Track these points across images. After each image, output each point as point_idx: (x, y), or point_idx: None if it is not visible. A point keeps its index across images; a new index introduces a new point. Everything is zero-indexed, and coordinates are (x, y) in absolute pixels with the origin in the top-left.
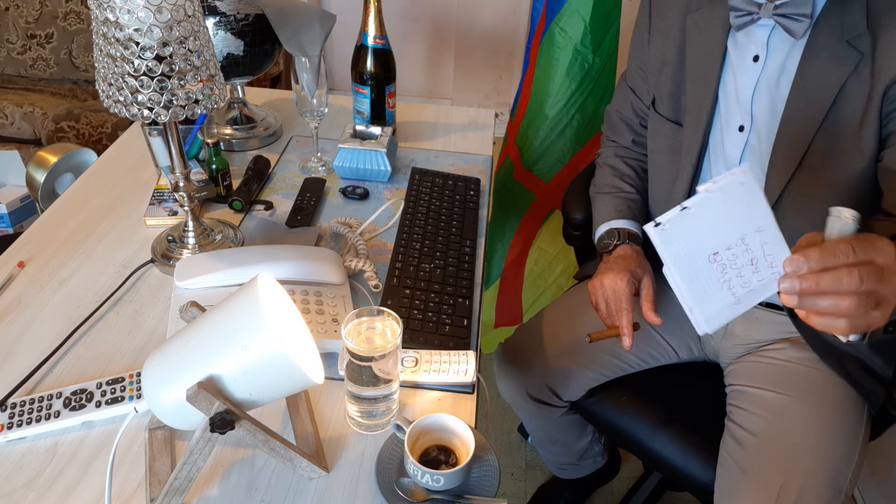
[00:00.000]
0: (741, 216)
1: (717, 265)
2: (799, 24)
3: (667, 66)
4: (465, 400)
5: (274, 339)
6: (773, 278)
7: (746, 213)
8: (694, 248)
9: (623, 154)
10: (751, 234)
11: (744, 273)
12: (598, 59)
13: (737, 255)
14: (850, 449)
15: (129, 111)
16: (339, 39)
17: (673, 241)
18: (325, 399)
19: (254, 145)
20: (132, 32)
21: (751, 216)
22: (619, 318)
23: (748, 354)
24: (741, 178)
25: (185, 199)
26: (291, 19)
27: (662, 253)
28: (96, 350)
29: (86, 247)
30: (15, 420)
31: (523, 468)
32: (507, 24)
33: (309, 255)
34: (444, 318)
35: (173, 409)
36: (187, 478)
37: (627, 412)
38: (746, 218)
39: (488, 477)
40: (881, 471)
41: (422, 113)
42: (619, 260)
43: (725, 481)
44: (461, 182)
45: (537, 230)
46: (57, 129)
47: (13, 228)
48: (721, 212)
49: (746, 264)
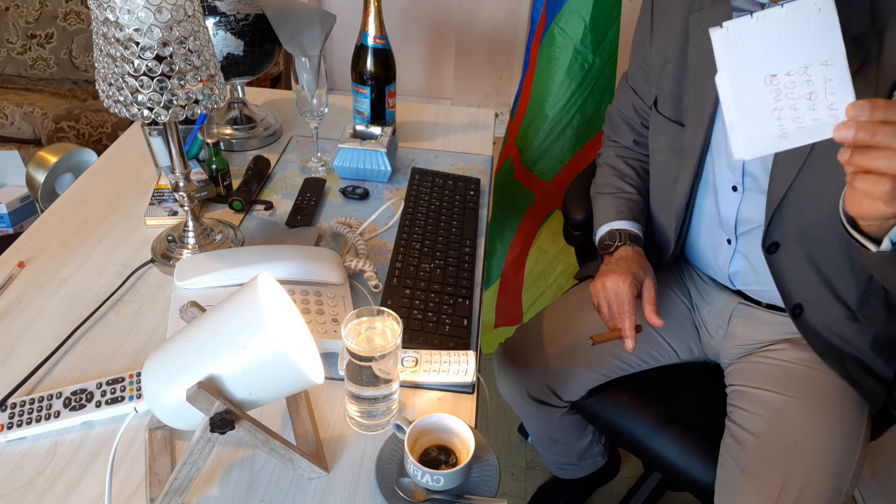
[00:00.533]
0: (810, 42)
1: (772, 88)
2: None
3: (669, 65)
4: (465, 400)
5: (274, 339)
6: (829, 121)
7: (816, 40)
8: (753, 62)
9: (624, 154)
10: (816, 64)
11: (799, 106)
12: (598, 59)
13: (796, 83)
14: (850, 449)
15: (129, 111)
16: (339, 39)
17: (733, 49)
18: (325, 399)
19: (254, 145)
20: (132, 32)
21: (820, 45)
22: (621, 321)
23: (749, 355)
24: (820, 3)
25: (185, 199)
26: (291, 19)
27: (720, 59)
28: (96, 350)
29: (86, 247)
30: (15, 420)
31: (523, 468)
32: (507, 24)
33: (309, 255)
34: (444, 318)
35: (173, 409)
36: (187, 478)
37: (627, 412)
38: (815, 46)
39: (488, 477)
40: (881, 471)
41: (422, 113)
42: (620, 262)
43: (726, 481)
44: (461, 182)
45: (537, 230)
46: (57, 129)
47: (13, 228)
48: (790, 32)
49: (804, 96)
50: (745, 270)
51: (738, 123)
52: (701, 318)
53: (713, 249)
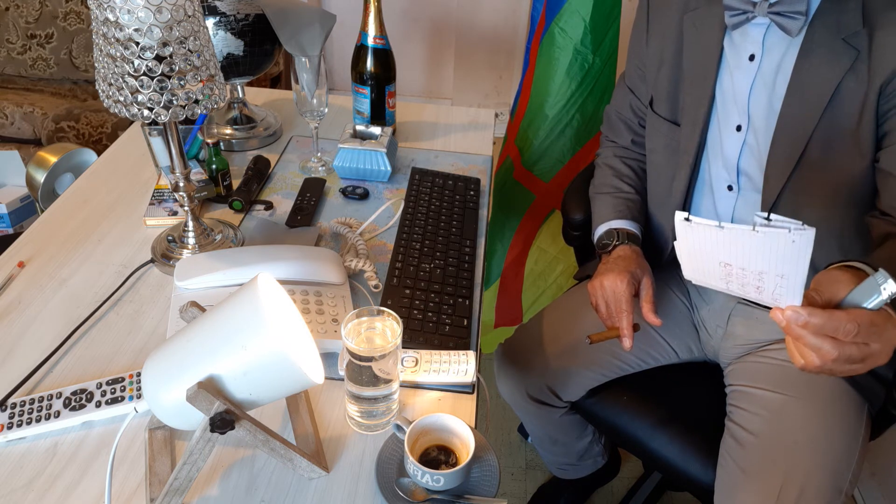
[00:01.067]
0: (772, 259)
1: (723, 271)
2: (794, 21)
3: (664, 65)
4: (465, 400)
5: (274, 340)
6: (769, 301)
7: (779, 259)
8: (709, 250)
9: (622, 154)
10: (771, 274)
11: (746, 288)
12: (598, 59)
13: (747, 277)
14: (850, 449)
15: (129, 111)
16: (339, 39)
17: (692, 237)
18: (325, 399)
19: (254, 145)
20: (132, 32)
21: (782, 264)
22: (619, 320)
23: (748, 354)
24: (795, 238)
25: (185, 199)
26: (291, 19)
27: (679, 239)
28: (96, 350)
29: (86, 247)
30: (15, 420)
31: (523, 468)
32: (507, 24)
33: (309, 255)
34: (444, 318)
35: (173, 409)
36: (187, 478)
37: (627, 412)
38: (776, 262)
39: (488, 477)
40: (881, 471)
41: (422, 113)
42: (618, 261)
43: (726, 481)
44: (461, 182)
45: (537, 230)
46: (57, 129)
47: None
48: (754, 246)
49: (752, 286)
50: None
51: (690, 267)
52: (700, 318)
53: None
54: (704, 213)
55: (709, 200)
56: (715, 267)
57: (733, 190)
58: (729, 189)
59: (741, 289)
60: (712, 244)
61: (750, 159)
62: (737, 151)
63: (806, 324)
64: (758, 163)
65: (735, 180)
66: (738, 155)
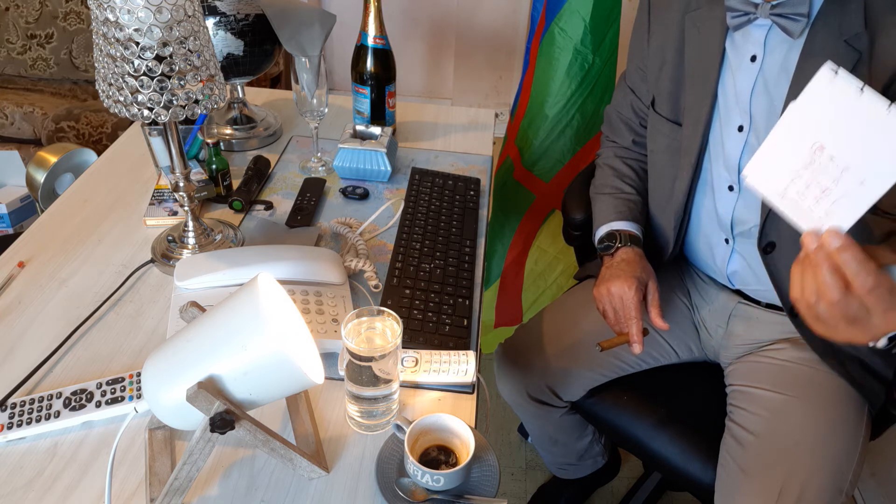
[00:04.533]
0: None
1: (810, 155)
2: (796, 23)
3: (666, 65)
4: (465, 400)
5: (274, 340)
6: (813, 222)
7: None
8: (822, 121)
9: (623, 154)
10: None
11: (811, 188)
12: (598, 59)
13: (828, 170)
14: (850, 449)
15: (129, 111)
16: (339, 39)
17: (824, 95)
18: (325, 399)
19: (254, 145)
20: (132, 32)
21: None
22: (628, 326)
23: (748, 354)
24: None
25: (185, 199)
26: (291, 19)
27: (812, 91)
28: (96, 350)
29: (86, 247)
30: (15, 420)
31: (523, 468)
32: (507, 24)
33: (309, 255)
34: (444, 318)
35: (173, 409)
36: (187, 478)
37: (628, 412)
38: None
39: (488, 477)
40: (881, 471)
41: (422, 113)
42: (622, 265)
43: (726, 481)
44: (461, 182)
45: (537, 230)
46: (57, 129)
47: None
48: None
49: (821, 185)
50: (744, 270)
51: (766, 156)
52: (700, 318)
53: (712, 249)
54: (705, 214)
55: (709, 201)
56: (803, 151)
57: (734, 190)
58: (730, 189)
59: (801, 193)
60: (832, 113)
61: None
62: (738, 152)
63: (836, 252)
64: None
65: (736, 180)
66: (740, 155)
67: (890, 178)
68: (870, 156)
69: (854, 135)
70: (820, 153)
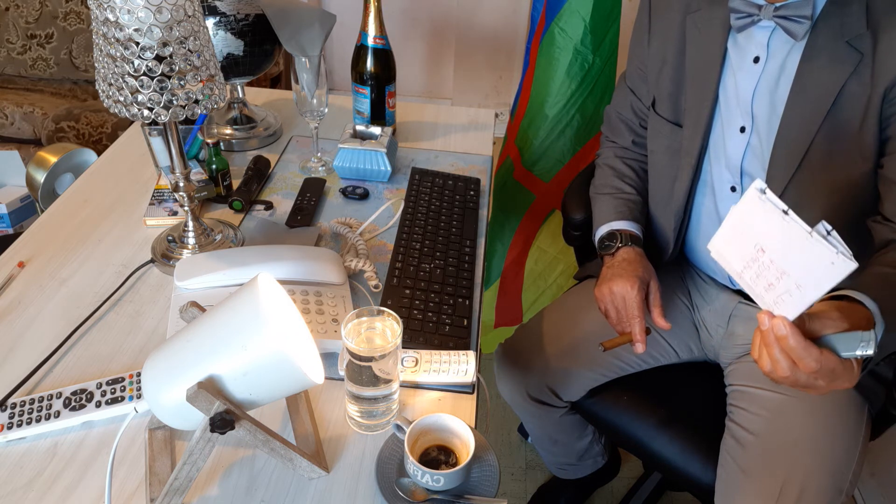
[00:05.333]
0: (804, 268)
1: (753, 255)
2: (799, 25)
3: (666, 66)
4: (465, 400)
5: (274, 340)
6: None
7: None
8: (758, 230)
9: (623, 155)
10: (793, 280)
11: (760, 278)
12: (598, 59)
13: (769, 272)
14: (850, 449)
15: (129, 111)
16: (339, 39)
17: (753, 210)
18: (325, 399)
19: (254, 145)
20: (132, 32)
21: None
22: (631, 326)
23: (748, 354)
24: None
25: (185, 199)
26: (291, 19)
27: (739, 206)
28: (96, 350)
29: (86, 247)
30: (15, 420)
31: (523, 468)
32: (507, 24)
33: (309, 255)
34: (444, 318)
35: (173, 409)
36: (187, 478)
37: (628, 412)
38: (805, 273)
39: (488, 477)
40: (881, 471)
41: (422, 113)
42: (623, 264)
43: (726, 482)
44: (461, 182)
45: (537, 230)
46: (57, 129)
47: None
48: (798, 248)
49: (766, 281)
50: None
51: (724, 237)
52: (701, 318)
53: None
54: (705, 215)
55: (710, 201)
56: (748, 247)
57: (736, 191)
58: (732, 190)
59: (753, 280)
60: (765, 225)
61: (754, 161)
62: (741, 153)
63: (783, 339)
64: (761, 164)
65: (738, 181)
66: (742, 156)
67: (820, 290)
68: (801, 268)
69: (786, 247)
70: (762, 254)
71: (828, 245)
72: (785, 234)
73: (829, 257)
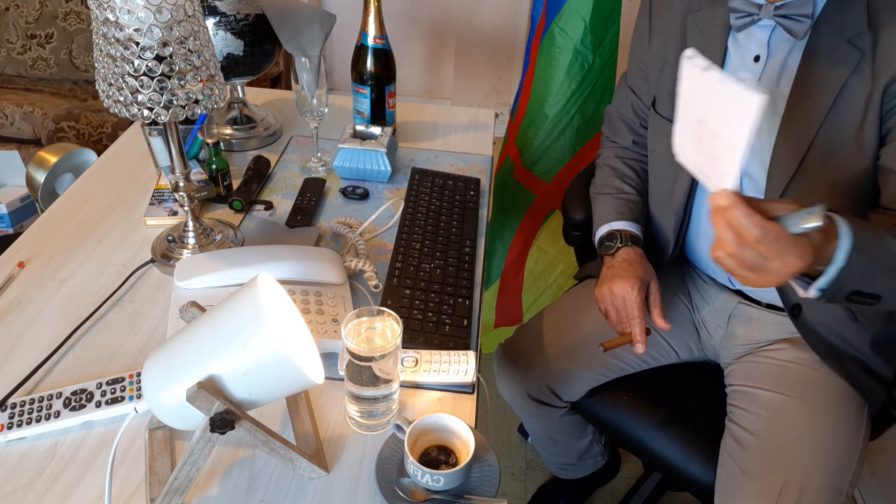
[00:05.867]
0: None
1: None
2: (800, 24)
3: (667, 66)
4: (465, 400)
5: (274, 340)
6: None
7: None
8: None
9: (623, 154)
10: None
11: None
12: (598, 59)
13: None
14: (850, 449)
15: (129, 111)
16: (339, 39)
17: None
18: (325, 399)
19: (254, 145)
20: (132, 32)
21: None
22: (631, 326)
23: (748, 354)
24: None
25: (185, 199)
26: (291, 19)
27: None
28: (96, 350)
29: (86, 247)
30: (15, 420)
31: (523, 468)
32: (507, 24)
33: (309, 255)
34: (444, 318)
35: (173, 409)
36: (187, 478)
37: (628, 412)
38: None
39: (488, 477)
40: (881, 471)
41: (422, 113)
42: (623, 265)
43: (726, 482)
44: (461, 182)
45: (537, 230)
46: (57, 129)
47: (13, 228)
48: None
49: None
50: None
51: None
52: (701, 318)
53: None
54: (705, 215)
55: None
56: (693, 126)
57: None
58: None
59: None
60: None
61: (753, 160)
62: None
63: (726, 209)
64: (761, 163)
65: (738, 181)
66: None
67: (743, 133)
68: (727, 121)
69: (713, 105)
70: (702, 127)
71: (739, 83)
72: (709, 92)
73: (742, 95)
